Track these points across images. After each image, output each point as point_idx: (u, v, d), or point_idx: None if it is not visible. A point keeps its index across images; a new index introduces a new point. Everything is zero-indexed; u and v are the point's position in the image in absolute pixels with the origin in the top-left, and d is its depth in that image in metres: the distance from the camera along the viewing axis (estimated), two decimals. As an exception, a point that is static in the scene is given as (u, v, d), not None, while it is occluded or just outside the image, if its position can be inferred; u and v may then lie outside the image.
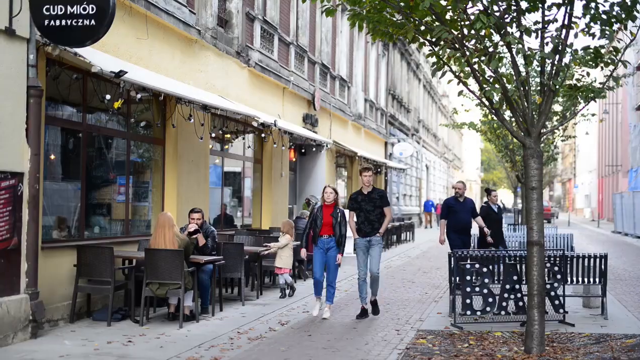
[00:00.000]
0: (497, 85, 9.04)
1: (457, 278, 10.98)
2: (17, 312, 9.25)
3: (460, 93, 10.23)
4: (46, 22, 9.25)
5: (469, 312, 10.74)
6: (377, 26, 9.68)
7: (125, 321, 10.96)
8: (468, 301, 10.73)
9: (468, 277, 10.76)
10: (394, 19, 9.69)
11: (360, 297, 11.74)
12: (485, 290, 10.76)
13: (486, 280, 10.76)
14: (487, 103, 9.41)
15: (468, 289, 10.73)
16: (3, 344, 8.98)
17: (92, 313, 11.22)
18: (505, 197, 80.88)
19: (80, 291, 10.92)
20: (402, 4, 9.19)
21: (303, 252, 12.46)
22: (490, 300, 10.75)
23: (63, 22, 9.19)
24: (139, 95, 11.50)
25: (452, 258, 11.20)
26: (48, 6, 9.21)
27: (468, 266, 10.84)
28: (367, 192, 11.87)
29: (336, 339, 9.85)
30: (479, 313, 10.77)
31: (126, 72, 10.32)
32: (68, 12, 9.16)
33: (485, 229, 14.42)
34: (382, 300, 13.47)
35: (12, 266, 9.29)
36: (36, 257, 9.68)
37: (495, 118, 18.72)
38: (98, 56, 10.67)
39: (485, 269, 10.83)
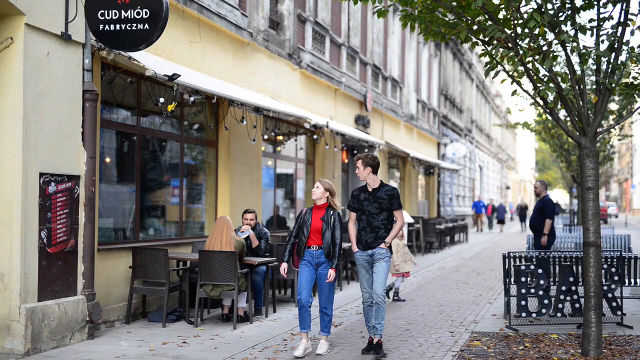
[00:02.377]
0: (551, 85, 8.92)
1: (511, 279, 10.87)
2: (74, 313, 9.40)
3: (514, 93, 10.12)
4: (101, 26, 9.37)
5: (524, 314, 10.61)
6: (429, 26, 9.64)
7: (180, 322, 11.07)
8: (523, 303, 10.60)
9: (523, 279, 10.63)
10: (446, 18, 9.65)
11: (367, 326, 9.23)
12: (540, 292, 10.61)
13: (542, 282, 10.62)
14: (541, 102, 9.29)
15: (523, 291, 10.60)
16: (61, 344, 9.14)
17: (147, 314, 11.36)
18: (561, 197, 79.81)
19: (136, 292, 11.05)
20: (454, 3, 9.13)
21: (283, 268, 9.31)
22: (546, 302, 10.60)
23: (117, 26, 9.29)
24: (192, 98, 11.59)
25: (506, 259, 11.06)
26: (103, 11, 9.33)
27: (523, 267, 10.71)
28: (372, 190, 9.15)
29: (389, 341, 9.81)
30: (534, 315, 10.63)
31: (179, 75, 10.43)
32: (122, 17, 9.26)
33: (543, 239, 13.52)
34: (436, 302, 13.40)
35: (69, 268, 9.45)
36: (92, 258, 9.82)
37: (549, 117, 18.50)
38: (152, 60, 10.80)
39: (540, 270, 10.69)
